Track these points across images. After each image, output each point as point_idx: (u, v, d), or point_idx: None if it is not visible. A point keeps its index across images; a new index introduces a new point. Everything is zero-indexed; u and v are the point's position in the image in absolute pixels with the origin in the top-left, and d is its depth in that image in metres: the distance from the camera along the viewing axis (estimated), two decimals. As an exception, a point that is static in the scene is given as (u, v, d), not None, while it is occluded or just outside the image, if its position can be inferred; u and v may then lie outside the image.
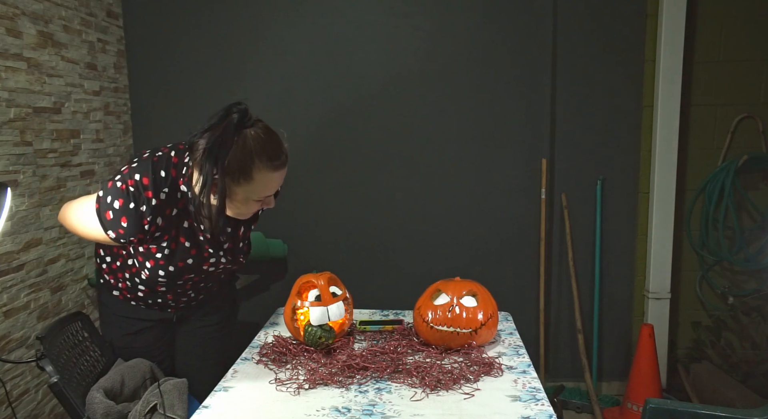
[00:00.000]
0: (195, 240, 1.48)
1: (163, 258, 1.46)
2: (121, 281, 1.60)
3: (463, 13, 2.67)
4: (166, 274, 1.49)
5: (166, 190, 1.39)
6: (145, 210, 1.37)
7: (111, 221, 1.37)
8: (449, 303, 1.58)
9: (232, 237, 1.56)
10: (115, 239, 1.40)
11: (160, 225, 1.41)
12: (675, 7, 2.54)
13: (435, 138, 2.75)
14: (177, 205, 1.42)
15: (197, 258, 1.51)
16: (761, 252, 2.67)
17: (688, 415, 1.51)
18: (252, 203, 1.39)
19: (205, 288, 1.67)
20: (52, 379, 1.45)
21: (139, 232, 1.39)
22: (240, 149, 1.30)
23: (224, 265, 1.58)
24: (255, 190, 1.36)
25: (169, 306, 1.66)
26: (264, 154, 1.32)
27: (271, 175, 1.35)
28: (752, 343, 2.76)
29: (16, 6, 1.95)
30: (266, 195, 1.39)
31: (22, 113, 1.98)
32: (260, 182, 1.34)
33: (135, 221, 1.36)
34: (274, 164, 1.34)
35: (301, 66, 2.72)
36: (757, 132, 2.69)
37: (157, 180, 1.38)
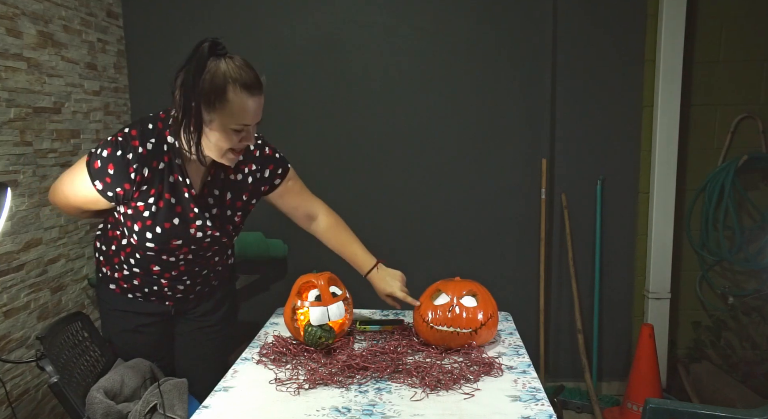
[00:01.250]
0: (180, 196, 1.47)
1: (150, 216, 1.45)
2: (117, 270, 1.60)
3: (463, 13, 2.67)
4: (153, 237, 1.47)
5: (153, 141, 1.42)
6: (131, 158, 1.39)
7: (98, 170, 1.39)
8: (449, 303, 1.58)
9: (218, 201, 1.54)
10: (102, 191, 1.41)
11: (146, 177, 1.42)
12: (675, 7, 2.54)
13: (435, 138, 2.75)
14: (163, 158, 1.43)
15: (183, 218, 1.48)
16: (761, 252, 2.67)
17: (688, 415, 1.51)
18: (230, 134, 1.36)
19: (200, 276, 1.66)
20: (52, 379, 1.45)
21: (125, 181, 1.40)
22: (213, 74, 1.32)
23: (212, 233, 1.54)
24: (231, 115, 1.33)
25: (166, 297, 1.65)
26: (238, 78, 1.33)
27: (246, 100, 1.34)
28: (752, 343, 2.76)
29: (16, 6, 1.95)
30: (243, 122, 1.35)
31: (22, 113, 1.98)
32: (236, 106, 1.33)
33: (121, 169, 1.39)
34: (249, 89, 1.34)
35: (301, 66, 2.72)
36: (757, 132, 2.69)
37: (145, 131, 1.42)
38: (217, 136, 1.37)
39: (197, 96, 1.32)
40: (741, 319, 2.78)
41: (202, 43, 1.33)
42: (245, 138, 1.40)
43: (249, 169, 1.58)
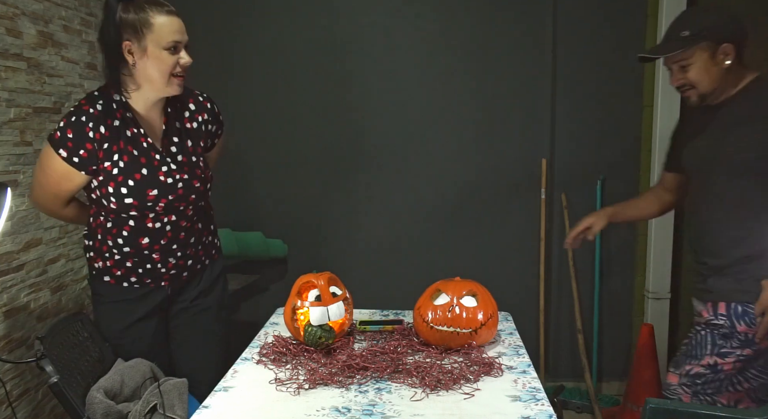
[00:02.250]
0: (140, 147, 1.58)
1: (120, 172, 1.55)
2: (108, 258, 1.64)
3: (463, 13, 2.67)
4: (129, 191, 1.55)
5: (101, 102, 1.54)
6: (85, 120, 1.51)
7: (59, 139, 1.51)
8: (449, 303, 1.58)
9: (180, 147, 1.65)
10: (68, 158, 1.51)
11: (105, 134, 1.53)
12: (675, 7, 2.53)
13: (435, 138, 2.75)
14: (115, 115, 1.54)
15: (149, 168, 1.58)
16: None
17: (688, 415, 1.50)
18: (165, 55, 1.50)
19: (188, 246, 1.70)
20: (52, 379, 1.45)
21: (86, 141, 1.51)
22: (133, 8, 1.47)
23: (180, 176, 1.62)
24: (160, 35, 1.48)
25: (160, 276, 1.68)
26: (154, 3, 1.49)
27: (168, 19, 1.49)
28: (752, 343, 2.75)
29: (16, 6, 1.95)
30: (172, 39, 1.49)
31: (22, 113, 1.98)
32: (160, 25, 1.48)
33: (79, 130, 1.50)
34: (165, 8, 1.50)
35: (301, 66, 2.72)
36: (757, 132, 2.68)
37: (91, 97, 1.56)
38: (155, 61, 1.50)
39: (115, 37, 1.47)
40: (741, 319, 2.78)
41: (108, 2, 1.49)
42: (182, 57, 1.53)
43: (202, 117, 1.71)
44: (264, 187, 2.83)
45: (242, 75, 2.72)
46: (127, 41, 1.48)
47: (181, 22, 1.52)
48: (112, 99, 1.54)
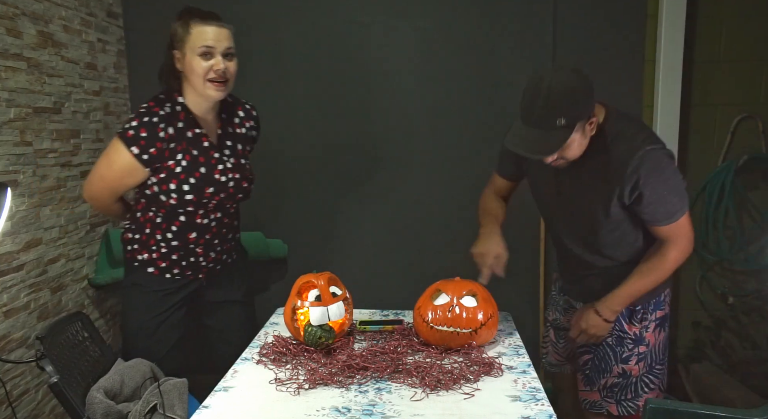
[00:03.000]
0: (200, 148, 1.73)
1: (182, 171, 1.70)
2: (155, 250, 1.79)
3: (463, 13, 2.67)
4: (190, 188, 1.70)
5: (168, 104, 1.69)
6: (157, 120, 1.65)
7: (132, 137, 1.64)
8: (449, 303, 1.58)
9: (232, 150, 1.81)
10: (139, 155, 1.64)
11: (172, 135, 1.68)
12: (675, 7, 2.54)
13: (435, 138, 2.75)
14: (179, 116, 1.70)
15: (207, 166, 1.73)
16: (761, 253, 2.67)
17: (688, 415, 1.50)
18: (198, 61, 1.63)
19: (226, 241, 1.89)
20: (52, 379, 1.45)
21: (157, 140, 1.65)
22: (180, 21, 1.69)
23: (233, 175, 1.78)
24: (195, 41, 1.63)
25: (200, 268, 1.84)
26: (196, 13, 1.66)
27: (203, 27, 1.64)
28: (752, 343, 2.75)
29: (16, 6, 1.95)
30: (204, 44, 1.63)
31: (22, 113, 1.98)
32: (196, 32, 1.63)
33: (151, 129, 1.64)
34: (203, 17, 1.65)
35: (301, 66, 2.72)
36: (757, 132, 2.69)
37: (158, 99, 1.71)
38: (190, 66, 1.64)
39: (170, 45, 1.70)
40: (741, 319, 2.78)
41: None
42: (216, 65, 1.64)
43: (249, 124, 1.90)
44: (264, 187, 2.82)
45: (241, 75, 2.71)
46: (175, 50, 1.68)
47: (223, 30, 1.66)
48: (176, 101, 1.70)
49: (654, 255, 1.59)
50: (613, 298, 1.62)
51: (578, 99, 1.38)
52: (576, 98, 1.37)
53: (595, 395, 1.74)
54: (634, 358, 1.69)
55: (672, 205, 1.50)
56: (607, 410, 1.73)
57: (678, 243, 1.55)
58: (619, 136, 1.49)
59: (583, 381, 1.77)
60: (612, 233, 1.59)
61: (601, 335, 1.67)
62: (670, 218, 1.51)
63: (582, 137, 1.45)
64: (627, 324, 1.68)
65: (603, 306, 1.63)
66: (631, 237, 1.61)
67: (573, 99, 1.37)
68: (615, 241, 1.61)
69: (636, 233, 1.60)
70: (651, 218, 1.52)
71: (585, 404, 1.78)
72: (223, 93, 1.68)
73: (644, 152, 1.44)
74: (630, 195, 1.49)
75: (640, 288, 1.60)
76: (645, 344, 1.69)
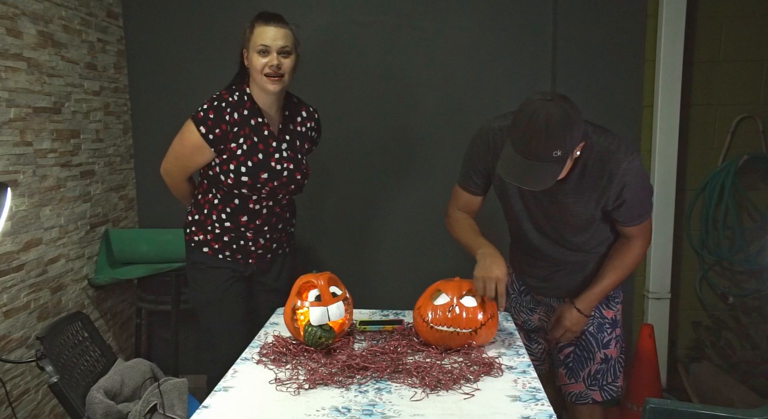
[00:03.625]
0: (261, 136, 1.86)
1: (242, 153, 1.83)
2: (210, 231, 1.92)
3: (463, 13, 2.67)
4: (247, 171, 1.83)
5: (237, 93, 1.86)
6: (224, 105, 1.82)
7: (202, 118, 1.80)
8: (449, 303, 1.58)
9: (291, 144, 1.94)
10: (206, 134, 1.79)
11: (237, 120, 1.82)
12: (675, 7, 2.54)
13: (435, 138, 2.75)
14: (246, 104, 1.85)
15: (265, 153, 1.86)
16: (761, 252, 2.67)
17: (688, 415, 1.51)
18: (255, 57, 1.79)
19: (276, 230, 1.99)
20: (52, 379, 1.45)
21: (222, 122, 1.80)
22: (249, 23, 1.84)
23: (287, 165, 1.90)
24: (255, 39, 1.79)
25: (250, 254, 1.96)
26: (261, 15, 1.82)
27: (263, 27, 1.79)
28: (752, 343, 2.75)
29: (16, 6, 1.95)
30: (262, 43, 1.77)
31: (22, 113, 1.98)
32: (257, 32, 1.80)
33: (219, 112, 1.80)
34: (265, 19, 1.80)
35: (301, 66, 2.71)
36: (757, 132, 2.69)
37: (230, 89, 1.88)
38: (252, 61, 1.79)
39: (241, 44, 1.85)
40: (741, 319, 2.78)
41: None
42: (270, 61, 1.78)
43: (310, 124, 2.02)
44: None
45: (242, 75, 2.72)
46: (244, 49, 1.84)
47: (281, 30, 1.79)
48: (245, 92, 1.86)
49: (623, 250, 1.67)
50: (591, 296, 1.69)
51: (573, 130, 1.38)
52: (571, 130, 1.38)
53: (579, 386, 1.79)
54: (613, 342, 1.77)
55: (644, 207, 1.60)
56: (591, 398, 1.79)
57: (644, 238, 1.66)
58: (603, 150, 1.54)
59: (566, 374, 1.81)
60: (587, 233, 1.66)
61: (582, 329, 1.74)
62: (641, 218, 1.61)
63: (571, 160, 1.49)
64: (605, 310, 1.76)
65: (583, 304, 1.69)
66: (605, 233, 1.68)
67: (568, 131, 1.37)
68: (589, 239, 1.68)
69: (607, 228, 1.68)
70: (625, 220, 1.61)
71: (570, 397, 1.82)
72: (278, 86, 1.81)
73: (627, 164, 1.51)
74: (614, 203, 1.56)
75: (615, 282, 1.69)
76: (618, 326, 1.78)
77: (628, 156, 1.52)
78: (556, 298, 1.81)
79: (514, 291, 1.93)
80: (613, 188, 1.53)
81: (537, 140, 1.36)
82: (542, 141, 1.35)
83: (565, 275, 1.75)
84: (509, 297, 1.93)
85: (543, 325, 1.86)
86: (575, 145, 1.43)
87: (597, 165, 1.53)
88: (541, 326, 1.87)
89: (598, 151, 1.53)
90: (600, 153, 1.53)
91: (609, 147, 1.53)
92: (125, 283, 2.67)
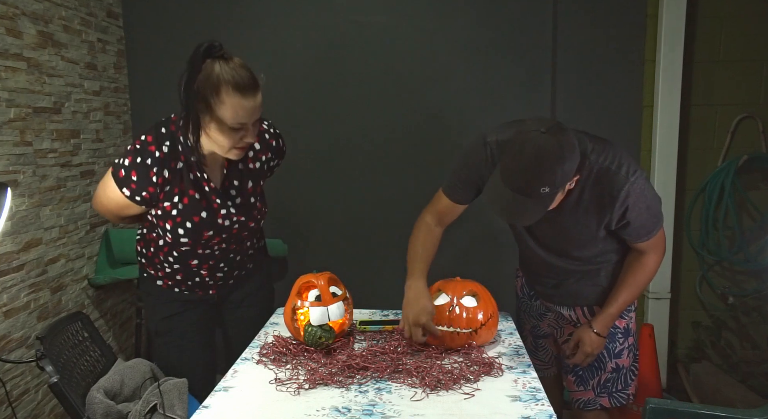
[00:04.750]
0: (202, 191, 1.56)
1: (179, 214, 1.55)
2: (159, 269, 1.70)
3: (463, 12, 2.67)
4: (185, 232, 1.56)
5: (168, 144, 1.50)
6: (150, 163, 1.49)
7: (123, 178, 1.50)
8: (449, 303, 1.58)
9: (239, 190, 1.63)
10: (130, 197, 1.51)
11: (167, 178, 1.51)
12: (675, 7, 2.54)
13: (435, 138, 2.75)
14: (180, 157, 1.52)
15: (209, 211, 1.58)
16: (761, 252, 2.67)
17: (688, 415, 1.51)
18: (228, 133, 1.43)
19: (235, 261, 1.74)
20: (52, 379, 1.45)
21: (149, 185, 1.50)
22: (207, 76, 1.39)
23: (237, 218, 1.63)
24: (227, 116, 1.40)
25: (209, 286, 1.74)
26: (231, 80, 1.38)
27: (239, 101, 1.39)
28: (752, 343, 2.76)
29: (16, 6, 1.95)
30: (239, 121, 1.41)
31: (22, 113, 1.98)
32: (230, 107, 1.39)
33: (143, 174, 1.49)
34: (242, 90, 1.39)
35: (301, 66, 2.72)
36: (757, 132, 2.69)
37: (159, 135, 1.51)
38: (217, 135, 1.44)
39: (193, 98, 1.40)
40: (741, 319, 2.78)
41: (200, 46, 1.40)
42: (246, 136, 1.46)
43: (266, 156, 1.68)
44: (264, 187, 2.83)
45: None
46: (199, 105, 1.42)
47: (258, 98, 1.43)
48: (179, 141, 1.50)
49: (635, 267, 1.61)
50: (608, 317, 1.64)
51: (564, 166, 1.31)
52: (562, 166, 1.31)
53: (588, 393, 1.76)
54: (625, 351, 1.72)
55: (652, 225, 1.53)
56: (600, 404, 1.76)
57: (656, 251, 1.59)
58: (603, 171, 1.46)
59: (575, 382, 1.78)
60: (594, 247, 1.60)
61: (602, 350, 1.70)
62: (649, 235, 1.55)
63: (562, 193, 1.43)
64: (617, 320, 1.70)
65: (600, 326, 1.64)
66: (610, 246, 1.62)
67: (559, 168, 1.31)
68: (597, 252, 1.62)
69: (613, 241, 1.61)
70: (634, 238, 1.55)
71: (578, 404, 1.79)
72: (243, 153, 1.52)
73: (630, 185, 1.44)
74: (617, 223, 1.51)
75: (630, 299, 1.64)
76: (632, 335, 1.74)
77: (630, 176, 1.44)
78: (566, 306, 1.75)
79: (524, 296, 1.90)
80: (615, 211, 1.47)
81: (524, 175, 1.30)
82: (530, 177, 1.30)
83: (575, 282, 1.69)
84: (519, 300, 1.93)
85: (552, 332, 1.83)
86: (566, 181, 1.36)
87: (596, 188, 1.47)
88: (551, 332, 1.84)
89: (597, 173, 1.47)
90: (599, 175, 1.46)
91: (609, 167, 1.45)
92: (125, 283, 2.67)
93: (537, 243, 1.67)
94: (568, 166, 1.33)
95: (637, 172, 1.46)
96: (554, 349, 1.87)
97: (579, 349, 1.67)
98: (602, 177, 1.46)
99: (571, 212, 1.52)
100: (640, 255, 1.59)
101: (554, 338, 1.84)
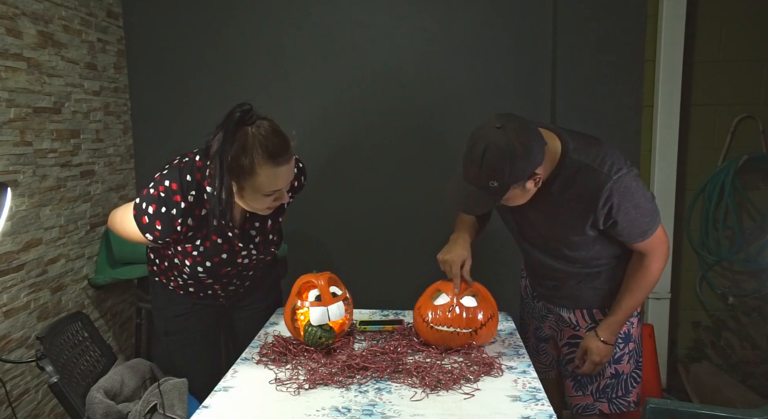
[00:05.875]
0: (225, 236, 1.58)
1: (199, 255, 1.58)
2: (172, 280, 1.71)
3: (464, 12, 2.67)
4: (204, 270, 1.60)
5: (194, 193, 1.49)
6: (176, 213, 1.48)
7: (147, 225, 1.49)
8: (449, 303, 1.58)
9: (261, 230, 1.66)
10: (153, 241, 1.52)
11: (191, 226, 1.53)
12: (675, 7, 2.54)
13: (435, 138, 2.75)
14: (204, 205, 1.51)
15: (230, 253, 1.61)
16: (761, 252, 2.67)
17: (688, 415, 1.51)
18: (261, 198, 1.45)
19: (248, 276, 1.78)
20: (52, 379, 1.45)
21: (173, 233, 1.50)
22: (241, 146, 1.38)
23: (257, 257, 1.69)
24: (260, 186, 1.41)
25: (219, 296, 1.77)
26: (265, 151, 1.38)
27: (273, 171, 1.40)
28: (752, 343, 2.76)
29: (16, 6, 1.95)
30: (273, 189, 1.43)
31: (22, 113, 1.98)
32: (264, 177, 1.40)
33: (168, 223, 1.48)
34: (275, 160, 1.39)
35: (301, 66, 2.72)
36: (757, 132, 2.69)
37: (184, 184, 1.49)
38: (252, 200, 1.46)
39: (226, 168, 1.39)
40: (741, 319, 2.78)
41: (234, 112, 1.38)
42: (278, 198, 1.48)
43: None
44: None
45: (241, 74, 2.72)
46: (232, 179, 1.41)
47: (291, 162, 1.44)
48: (204, 189, 1.49)
49: (638, 270, 1.59)
50: (614, 324, 1.63)
51: (516, 163, 1.33)
52: (512, 163, 1.33)
53: (587, 399, 1.75)
54: (625, 357, 1.70)
55: (645, 224, 1.50)
56: (599, 409, 1.74)
57: (657, 254, 1.56)
58: (583, 168, 1.46)
59: (573, 387, 1.77)
60: (589, 249, 1.59)
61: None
62: (644, 235, 1.52)
63: (523, 191, 1.43)
64: None
65: (606, 334, 1.63)
66: (610, 249, 1.60)
67: (508, 164, 1.33)
68: (594, 255, 1.61)
69: (612, 244, 1.59)
70: (627, 238, 1.53)
71: (577, 409, 1.78)
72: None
73: (612, 183, 1.42)
74: (604, 223, 1.49)
75: (635, 305, 1.63)
76: (633, 340, 1.71)
77: (613, 174, 1.42)
78: (566, 308, 1.74)
79: (527, 296, 1.91)
80: (599, 209, 1.45)
81: (473, 167, 1.37)
82: (477, 170, 1.36)
83: (575, 284, 1.68)
84: (522, 301, 1.94)
85: (553, 334, 1.83)
86: (520, 178, 1.37)
87: (576, 186, 1.46)
88: (551, 335, 1.84)
89: (577, 171, 1.45)
90: (579, 172, 1.45)
91: (590, 165, 1.44)
92: (125, 283, 2.67)
93: (531, 245, 1.68)
94: (520, 163, 1.34)
95: (622, 170, 1.44)
96: (555, 353, 1.87)
97: (587, 359, 1.66)
98: (583, 175, 1.45)
99: (554, 210, 1.52)
100: (642, 259, 1.57)
101: (555, 341, 1.84)
